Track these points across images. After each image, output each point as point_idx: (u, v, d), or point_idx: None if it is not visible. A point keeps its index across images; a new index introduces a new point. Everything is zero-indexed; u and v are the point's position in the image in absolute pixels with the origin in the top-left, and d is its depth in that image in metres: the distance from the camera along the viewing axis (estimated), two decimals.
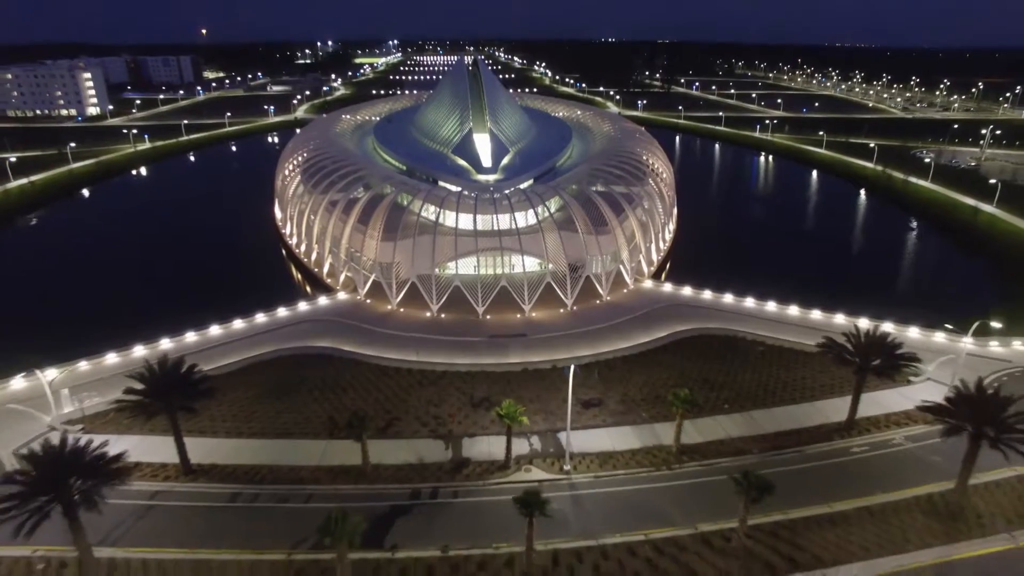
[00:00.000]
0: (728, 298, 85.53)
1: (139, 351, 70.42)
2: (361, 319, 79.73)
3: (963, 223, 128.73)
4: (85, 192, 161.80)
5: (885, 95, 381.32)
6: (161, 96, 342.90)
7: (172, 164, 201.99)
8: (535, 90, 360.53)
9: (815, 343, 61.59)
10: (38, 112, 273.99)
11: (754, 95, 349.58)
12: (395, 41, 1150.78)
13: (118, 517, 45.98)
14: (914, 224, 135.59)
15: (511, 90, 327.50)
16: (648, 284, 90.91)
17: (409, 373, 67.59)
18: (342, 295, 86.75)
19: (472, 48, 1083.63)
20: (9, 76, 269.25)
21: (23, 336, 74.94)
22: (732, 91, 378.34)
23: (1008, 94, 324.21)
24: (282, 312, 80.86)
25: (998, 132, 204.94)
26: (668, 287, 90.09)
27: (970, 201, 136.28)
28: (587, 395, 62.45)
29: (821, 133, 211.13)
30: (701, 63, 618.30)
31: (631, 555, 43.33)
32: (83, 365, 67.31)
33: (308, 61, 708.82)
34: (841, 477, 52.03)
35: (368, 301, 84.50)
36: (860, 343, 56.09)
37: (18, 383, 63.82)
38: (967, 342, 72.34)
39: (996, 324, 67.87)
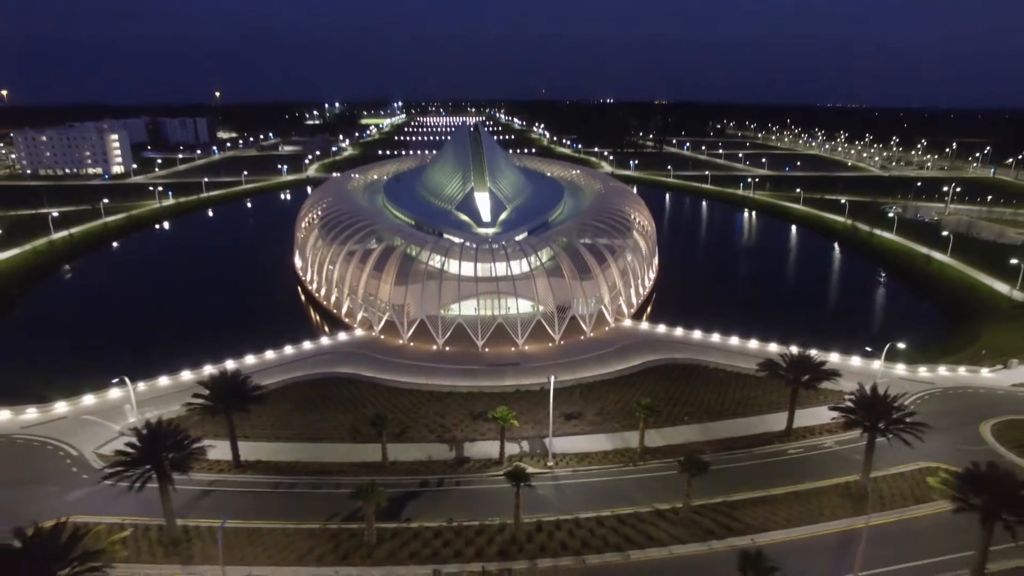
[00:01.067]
0: (697, 334, 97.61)
1: (186, 375, 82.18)
2: (377, 351, 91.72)
3: (917, 270, 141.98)
4: (115, 244, 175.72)
5: (864, 154, 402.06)
6: (180, 156, 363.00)
7: (194, 219, 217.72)
8: (533, 150, 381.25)
9: (756, 364, 73.39)
10: (67, 171, 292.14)
11: (740, 155, 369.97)
12: (399, 103, 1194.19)
13: (185, 499, 56.75)
14: (882, 275, 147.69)
15: (511, 150, 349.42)
16: (627, 323, 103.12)
17: (419, 393, 79.20)
18: (359, 332, 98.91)
19: (473, 109, 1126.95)
20: (44, 138, 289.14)
21: (86, 363, 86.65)
22: (721, 151, 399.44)
23: (978, 153, 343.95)
24: (307, 345, 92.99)
25: (958, 189, 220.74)
26: (645, 325, 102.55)
27: (924, 251, 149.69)
28: (569, 409, 73.93)
29: (798, 190, 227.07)
30: (694, 124, 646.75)
31: (599, 525, 54.18)
32: (141, 386, 78.82)
33: (317, 122, 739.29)
34: (777, 471, 63.05)
35: (382, 336, 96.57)
36: (792, 361, 68.08)
37: (88, 399, 75.62)
38: (900, 368, 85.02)
39: (902, 346, 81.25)
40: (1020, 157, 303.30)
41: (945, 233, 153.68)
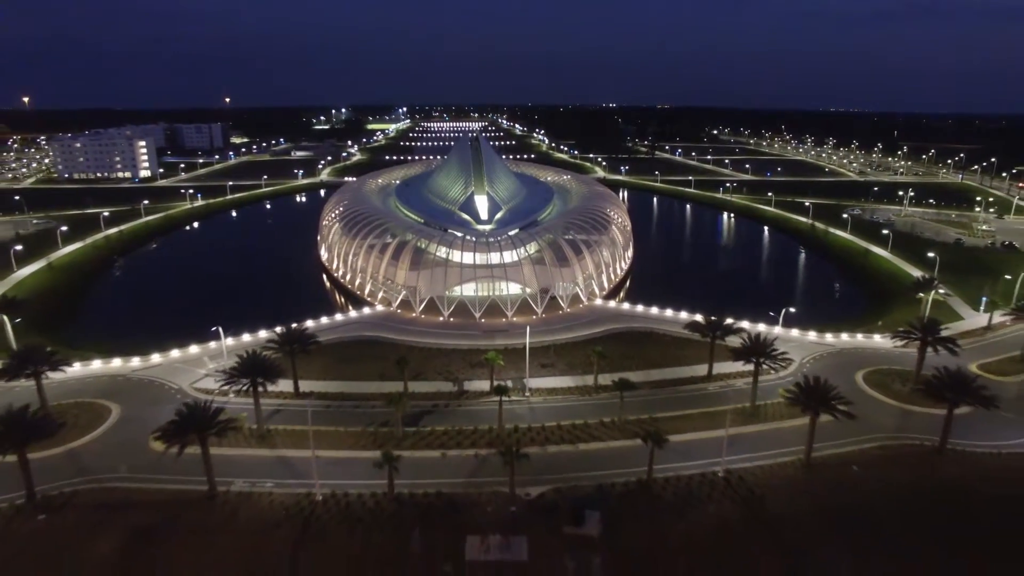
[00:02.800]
0: (654, 309, 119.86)
1: (246, 338, 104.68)
2: (395, 321, 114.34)
3: (857, 262, 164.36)
4: (156, 241, 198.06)
5: (845, 160, 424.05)
6: (200, 160, 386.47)
7: (222, 219, 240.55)
8: (533, 156, 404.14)
9: (686, 324, 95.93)
10: (99, 175, 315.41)
11: (727, 160, 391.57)
12: (404, 108, 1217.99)
13: (263, 414, 79.21)
14: (837, 286, 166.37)
15: (512, 155, 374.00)
16: (599, 302, 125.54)
17: (429, 350, 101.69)
18: (380, 307, 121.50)
19: (476, 115, 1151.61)
20: (78, 144, 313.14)
21: (159, 330, 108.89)
22: (709, 157, 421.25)
23: (950, 160, 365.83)
24: (339, 317, 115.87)
25: (911, 194, 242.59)
26: (613, 303, 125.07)
27: (864, 245, 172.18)
28: (544, 361, 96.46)
29: (770, 194, 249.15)
30: (690, 130, 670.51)
31: (559, 429, 76.88)
32: (212, 344, 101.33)
33: (325, 127, 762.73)
34: (695, 401, 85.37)
35: (399, 311, 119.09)
36: (709, 322, 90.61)
37: (175, 352, 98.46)
38: (812, 334, 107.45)
39: (792, 310, 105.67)
40: (984, 164, 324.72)
41: (885, 232, 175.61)
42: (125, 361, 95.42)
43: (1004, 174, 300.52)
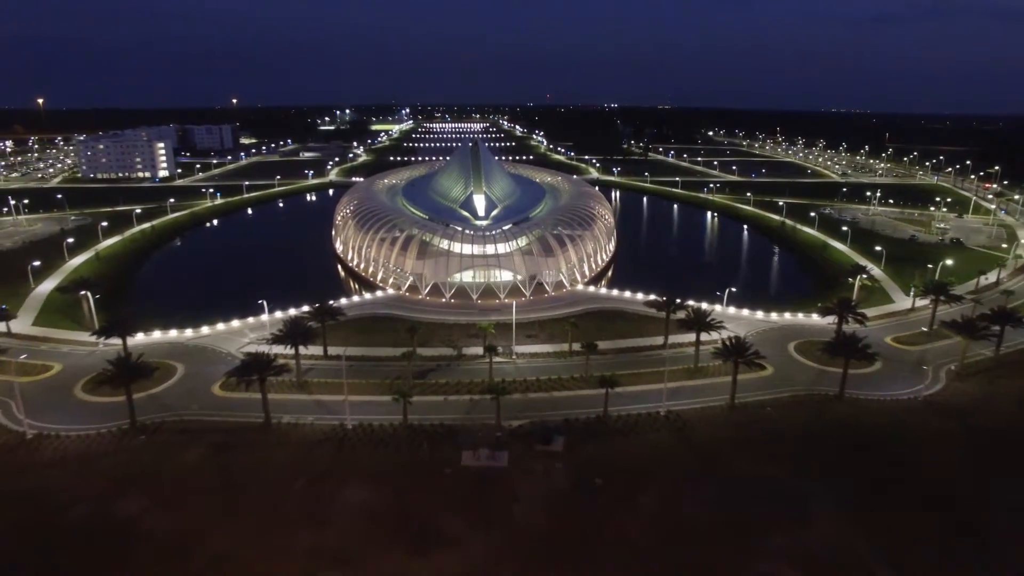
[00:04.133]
0: (627, 293, 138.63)
1: (278, 315, 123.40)
2: (404, 302, 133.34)
3: (817, 255, 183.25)
4: (180, 237, 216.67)
5: (830, 162, 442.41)
6: (214, 161, 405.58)
7: (240, 216, 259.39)
8: (531, 157, 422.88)
9: (644, 302, 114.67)
10: (120, 175, 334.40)
11: (715, 162, 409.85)
12: (407, 110, 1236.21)
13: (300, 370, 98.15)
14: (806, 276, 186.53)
15: (511, 156, 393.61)
16: (580, 287, 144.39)
17: (433, 324, 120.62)
18: (391, 291, 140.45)
19: (478, 115, 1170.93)
20: (101, 146, 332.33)
21: (202, 308, 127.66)
22: (700, 158, 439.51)
23: (927, 163, 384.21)
24: (355, 298, 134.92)
25: (878, 194, 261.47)
26: (592, 288, 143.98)
27: (824, 239, 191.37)
28: (529, 333, 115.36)
29: (748, 194, 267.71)
30: (686, 132, 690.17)
31: (537, 381, 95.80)
32: (251, 319, 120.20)
33: (330, 128, 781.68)
34: (651, 362, 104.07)
35: (407, 294, 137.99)
36: (666, 300, 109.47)
37: (220, 326, 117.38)
38: (759, 314, 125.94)
39: (733, 289, 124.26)
40: (958, 167, 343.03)
41: (844, 228, 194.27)
42: (180, 332, 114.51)
43: (972, 176, 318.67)
